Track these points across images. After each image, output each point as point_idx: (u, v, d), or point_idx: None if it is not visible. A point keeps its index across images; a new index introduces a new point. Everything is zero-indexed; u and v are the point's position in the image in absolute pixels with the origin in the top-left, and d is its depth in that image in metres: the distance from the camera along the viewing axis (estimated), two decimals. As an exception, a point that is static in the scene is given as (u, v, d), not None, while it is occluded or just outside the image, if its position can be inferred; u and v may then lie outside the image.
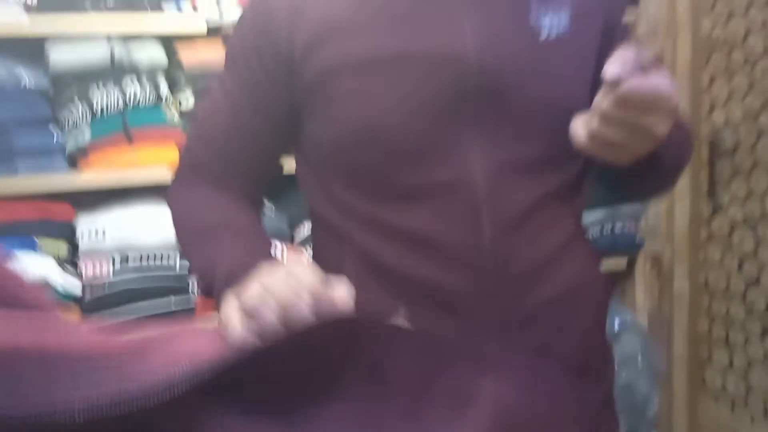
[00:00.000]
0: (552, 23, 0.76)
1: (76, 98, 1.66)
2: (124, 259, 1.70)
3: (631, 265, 2.26)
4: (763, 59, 1.78)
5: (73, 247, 1.70)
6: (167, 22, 1.70)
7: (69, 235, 1.69)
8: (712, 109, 1.97)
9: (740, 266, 1.92)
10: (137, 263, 1.69)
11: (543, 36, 0.75)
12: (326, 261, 0.79)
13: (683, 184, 2.03)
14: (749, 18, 1.81)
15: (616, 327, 2.14)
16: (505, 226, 0.74)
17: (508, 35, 0.74)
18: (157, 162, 1.69)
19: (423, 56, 0.71)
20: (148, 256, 1.71)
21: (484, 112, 0.73)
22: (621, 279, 2.32)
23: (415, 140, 0.73)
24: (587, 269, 0.83)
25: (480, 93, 0.73)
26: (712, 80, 1.95)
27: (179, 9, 1.69)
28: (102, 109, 1.65)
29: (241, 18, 0.82)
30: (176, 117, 1.73)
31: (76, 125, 1.66)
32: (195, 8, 1.69)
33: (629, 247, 2.20)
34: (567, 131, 0.76)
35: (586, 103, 0.77)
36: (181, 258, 1.68)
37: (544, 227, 0.77)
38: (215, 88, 0.84)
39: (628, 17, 2.13)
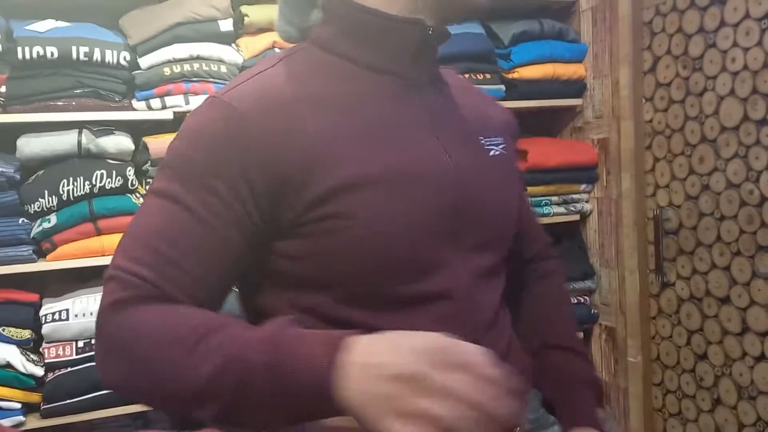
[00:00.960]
0: (493, 143, 0.85)
1: (43, 186, 1.71)
2: (88, 343, 1.72)
3: (587, 337, 2.33)
4: (699, 146, 1.91)
5: (38, 333, 1.72)
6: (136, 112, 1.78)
7: (33, 320, 1.71)
8: (655, 190, 2.08)
9: (689, 341, 2.00)
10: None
11: (491, 153, 0.84)
12: None
13: (632, 260, 2.12)
14: (686, 107, 1.95)
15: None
16: (481, 329, 0.79)
17: (469, 152, 0.81)
18: (122, 248, 1.74)
19: (414, 171, 0.75)
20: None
21: (459, 222, 0.78)
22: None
23: (413, 251, 0.75)
24: (527, 364, 0.90)
25: (455, 204, 0.77)
26: (654, 164, 2.08)
27: (149, 107, 1.76)
28: (69, 197, 1.70)
29: (203, 132, 0.73)
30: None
31: (43, 213, 1.71)
32: (164, 105, 1.76)
33: (585, 320, 2.27)
34: (509, 237, 0.86)
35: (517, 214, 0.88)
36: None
37: (504, 326, 0.84)
38: (162, 205, 0.72)
39: (574, 105, 2.28)
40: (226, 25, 1.84)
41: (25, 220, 1.70)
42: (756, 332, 1.78)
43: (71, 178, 1.70)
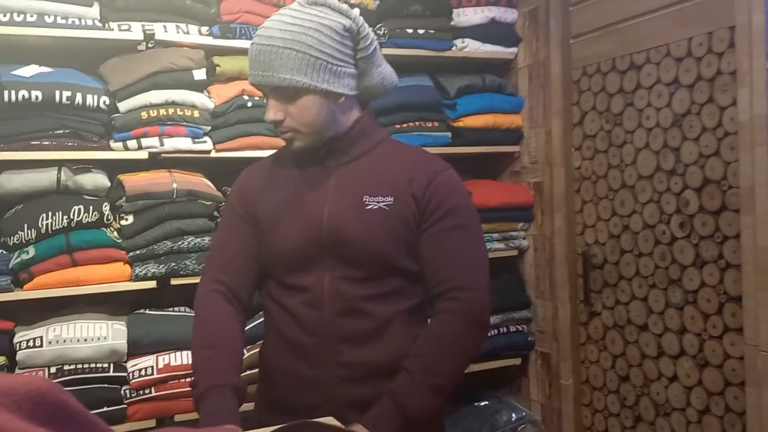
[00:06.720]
0: (377, 201, 1.26)
1: (22, 219, 1.81)
2: (60, 369, 1.81)
3: (525, 362, 2.55)
4: (621, 191, 2.17)
5: (11, 360, 1.80)
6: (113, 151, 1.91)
7: (7, 347, 1.79)
8: (583, 229, 2.33)
9: (613, 364, 2.24)
10: (73, 375, 1.81)
11: (367, 207, 1.25)
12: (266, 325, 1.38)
13: (564, 291, 2.36)
14: (609, 157, 2.21)
15: (513, 419, 2.39)
16: (338, 312, 1.25)
17: (347, 209, 1.26)
18: (97, 279, 1.85)
19: (303, 217, 1.28)
20: (84, 367, 1.83)
21: (331, 250, 1.26)
22: (516, 375, 2.60)
23: (296, 259, 1.28)
24: (403, 346, 1.26)
25: (329, 240, 1.26)
26: (583, 205, 2.33)
27: (126, 148, 1.90)
28: (48, 230, 1.81)
29: (231, 191, 1.41)
30: (116, 237, 1.91)
31: (22, 245, 1.80)
32: (140, 146, 1.90)
33: (522, 347, 2.49)
34: (381, 262, 1.26)
35: (395, 248, 1.26)
36: (115, 370, 1.82)
37: (367, 314, 1.26)
38: (220, 226, 1.39)
39: (512, 151, 2.52)
40: (200, 74, 2.00)
41: (4, 252, 1.80)
42: (669, 355, 2.03)
43: (50, 213, 1.81)
